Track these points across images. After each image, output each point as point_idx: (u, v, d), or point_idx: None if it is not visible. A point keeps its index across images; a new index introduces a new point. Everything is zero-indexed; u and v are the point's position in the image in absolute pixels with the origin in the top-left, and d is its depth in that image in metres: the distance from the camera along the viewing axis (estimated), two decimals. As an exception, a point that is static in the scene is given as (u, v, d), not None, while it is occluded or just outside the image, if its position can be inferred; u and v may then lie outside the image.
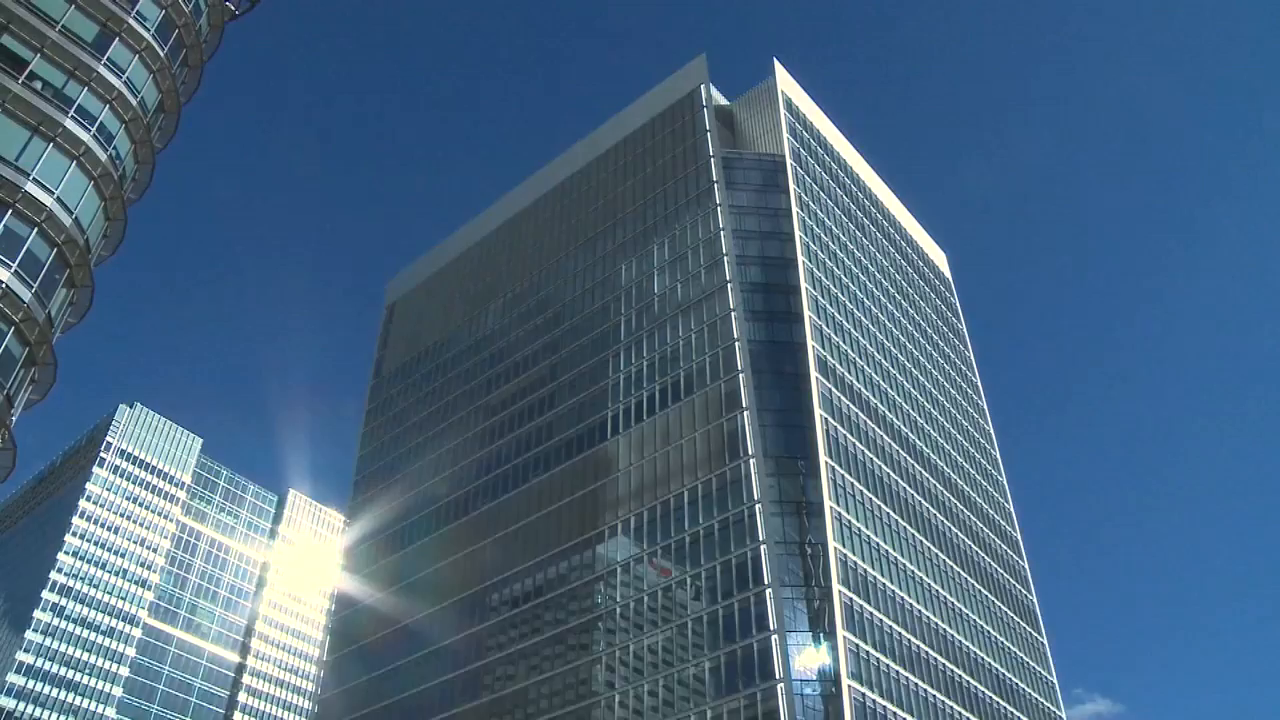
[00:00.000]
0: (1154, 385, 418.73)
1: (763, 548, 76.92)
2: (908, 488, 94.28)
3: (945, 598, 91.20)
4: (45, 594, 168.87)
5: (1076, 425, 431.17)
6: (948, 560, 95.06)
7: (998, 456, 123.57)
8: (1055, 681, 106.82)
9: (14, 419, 40.10)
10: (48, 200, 39.35)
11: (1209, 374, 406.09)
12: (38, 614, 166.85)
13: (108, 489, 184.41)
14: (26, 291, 38.33)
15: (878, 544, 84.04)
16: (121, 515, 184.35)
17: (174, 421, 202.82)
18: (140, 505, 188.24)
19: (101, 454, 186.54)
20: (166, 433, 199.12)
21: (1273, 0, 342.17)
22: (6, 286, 37.47)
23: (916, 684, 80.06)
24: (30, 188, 38.89)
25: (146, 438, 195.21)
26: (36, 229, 39.05)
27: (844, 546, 78.62)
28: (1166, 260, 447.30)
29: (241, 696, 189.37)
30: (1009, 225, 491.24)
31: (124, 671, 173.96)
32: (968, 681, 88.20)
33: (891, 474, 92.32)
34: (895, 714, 75.35)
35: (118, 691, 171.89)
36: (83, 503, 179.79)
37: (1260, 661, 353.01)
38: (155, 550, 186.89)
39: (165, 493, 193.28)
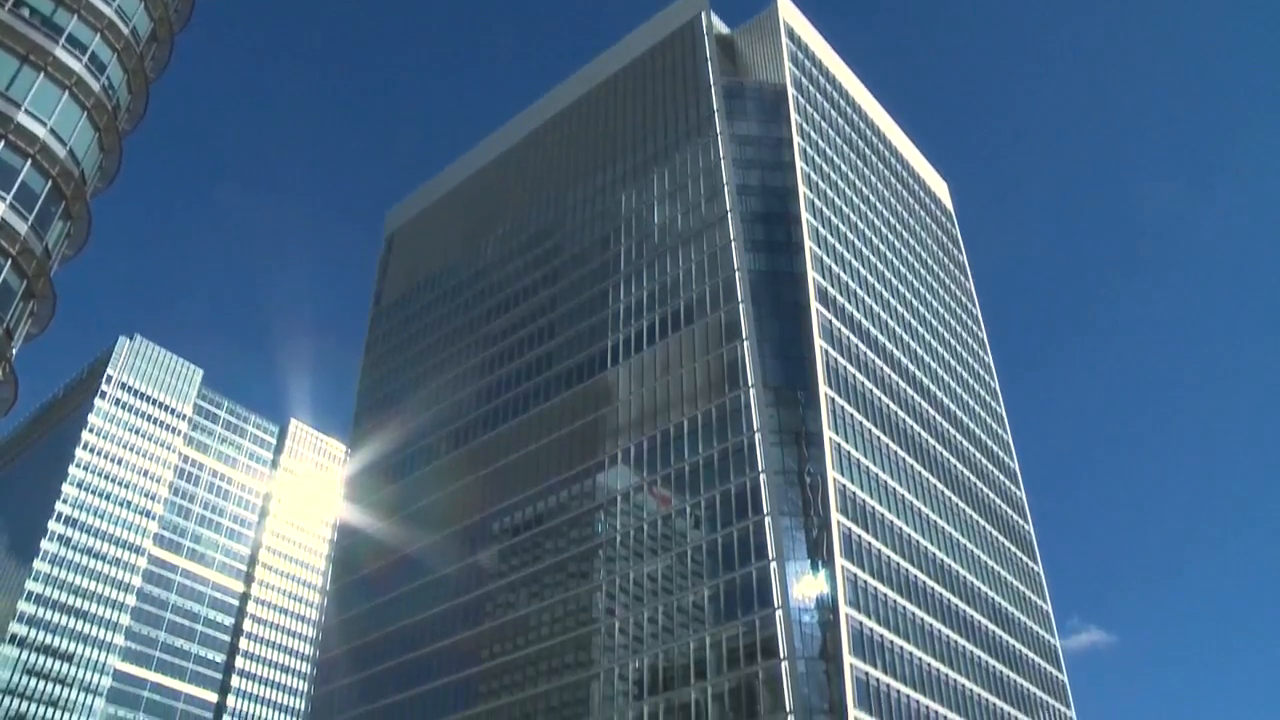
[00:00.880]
0: (1156, 317, 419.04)
1: (762, 477, 77.52)
2: (907, 418, 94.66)
3: (943, 527, 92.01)
4: (51, 524, 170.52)
5: (1076, 357, 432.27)
6: (945, 490, 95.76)
7: (997, 388, 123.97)
8: (1050, 610, 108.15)
9: (14, 352, 40.16)
10: (40, 131, 39.00)
11: (1211, 306, 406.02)
12: (44, 544, 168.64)
13: (109, 421, 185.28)
14: (22, 224, 38.14)
15: (876, 474, 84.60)
16: (124, 447, 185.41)
17: (174, 353, 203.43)
18: (142, 437, 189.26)
19: (102, 387, 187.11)
20: (167, 365, 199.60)
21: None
22: (2, 219, 37.29)
23: (914, 612, 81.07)
24: (22, 119, 38.51)
25: (147, 370, 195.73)
26: (30, 160, 38.73)
27: (842, 476, 79.16)
28: (1170, 192, 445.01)
29: (247, 624, 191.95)
30: (1012, 156, 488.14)
31: (131, 600, 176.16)
32: (964, 610, 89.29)
33: (891, 404, 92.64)
34: (892, 641, 76.39)
35: (126, 620, 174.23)
36: (85, 434, 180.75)
37: (1254, 594, 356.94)
38: (158, 481, 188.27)
39: (167, 424, 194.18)
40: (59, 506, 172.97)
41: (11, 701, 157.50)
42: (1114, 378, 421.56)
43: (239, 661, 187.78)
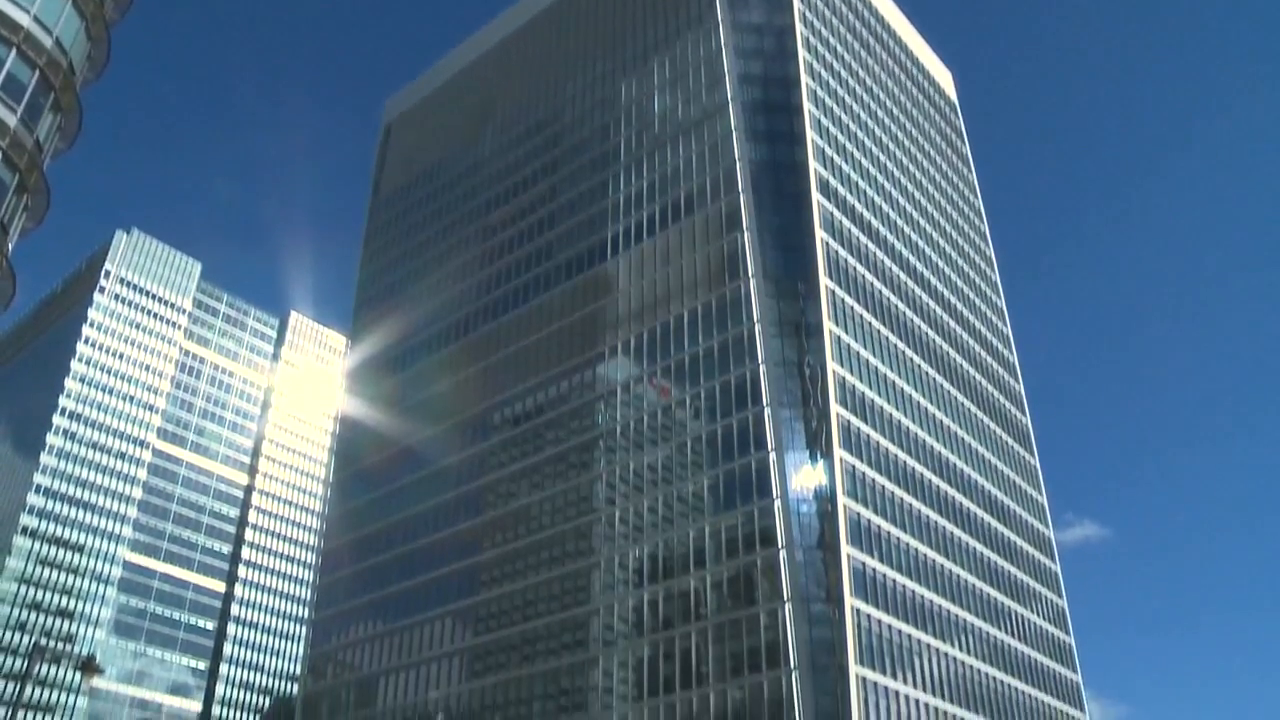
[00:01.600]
0: (1159, 214, 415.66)
1: (761, 368, 77.80)
2: (907, 310, 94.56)
3: (940, 419, 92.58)
4: (55, 419, 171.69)
5: (1078, 253, 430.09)
6: (944, 382, 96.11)
7: (997, 281, 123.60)
8: (1045, 503, 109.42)
9: (10, 247, 39.85)
10: (24, 19, 38.09)
11: (1216, 204, 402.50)
12: (50, 438, 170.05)
13: (109, 316, 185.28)
14: (11, 116, 37.50)
15: (875, 366, 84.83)
16: (125, 341, 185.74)
17: (172, 246, 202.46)
18: (142, 331, 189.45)
19: (101, 281, 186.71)
20: (165, 258, 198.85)
21: None
22: (-11, 110, 36.70)
23: (910, 503, 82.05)
24: (4, 6, 37.53)
25: (145, 264, 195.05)
26: (15, 50, 37.88)
27: (842, 368, 79.39)
28: (1178, 85, 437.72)
29: (251, 516, 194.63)
30: (1018, 48, 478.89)
31: (137, 493, 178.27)
32: (960, 501, 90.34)
33: (891, 296, 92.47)
34: (889, 532, 77.46)
35: (133, 512, 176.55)
36: (85, 329, 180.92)
37: (1249, 493, 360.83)
38: (160, 375, 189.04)
39: (166, 318, 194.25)
40: (62, 401, 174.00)
41: (28, 590, 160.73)
42: (1115, 274, 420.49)
43: (245, 552, 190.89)
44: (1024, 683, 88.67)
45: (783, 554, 71.17)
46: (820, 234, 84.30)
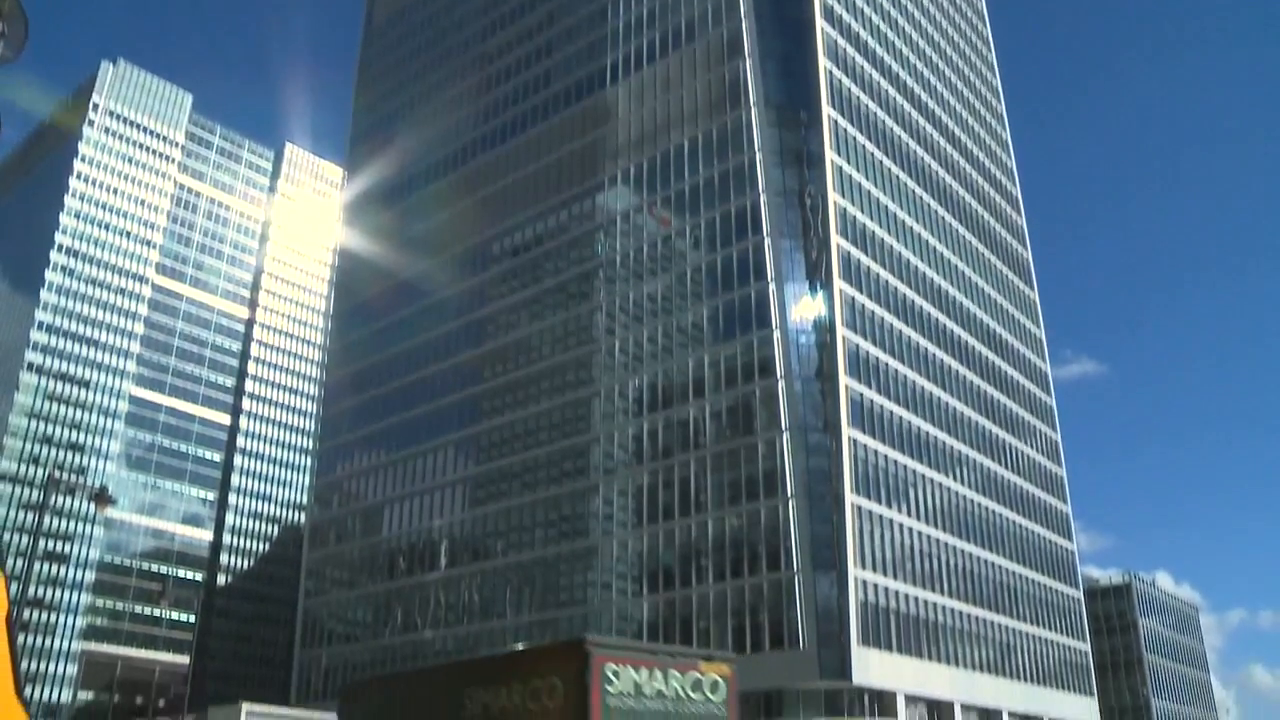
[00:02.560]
0: (1170, 52, 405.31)
1: (762, 197, 77.05)
2: (909, 141, 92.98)
3: (941, 251, 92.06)
4: (53, 255, 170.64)
5: (1086, 87, 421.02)
6: (945, 214, 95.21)
7: (1003, 112, 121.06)
8: (1043, 337, 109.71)
9: (-10, 67, 38.73)
10: None
11: (1226, 53, 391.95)
12: (49, 275, 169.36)
13: (100, 150, 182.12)
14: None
15: (877, 197, 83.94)
16: (118, 176, 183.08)
17: (160, 77, 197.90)
18: (135, 165, 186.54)
19: (89, 115, 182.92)
20: (154, 90, 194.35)
21: None
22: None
23: (909, 334, 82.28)
24: None
25: (134, 96, 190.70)
26: None
27: (843, 198, 78.55)
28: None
29: (253, 349, 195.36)
30: None
31: (139, 329, 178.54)
32: (958, 334, 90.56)
33: (894, 126, 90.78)
34: (887, 363, 77.88)
35: (136, 347, 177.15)
36: (77, 164, 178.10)
37: (1248, 335, 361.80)
38: (156, 210, 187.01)
39: (159, 152, 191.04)
40: (59, 238, 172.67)
41: (38, 425, 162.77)
42: (1123, 110, 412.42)
43: (248, 385, 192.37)
44: (1016, 513, 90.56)
45: (781, 384, 71.78)
46: (824, 62, 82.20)
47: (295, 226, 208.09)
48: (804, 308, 74.73)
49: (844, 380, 71.28)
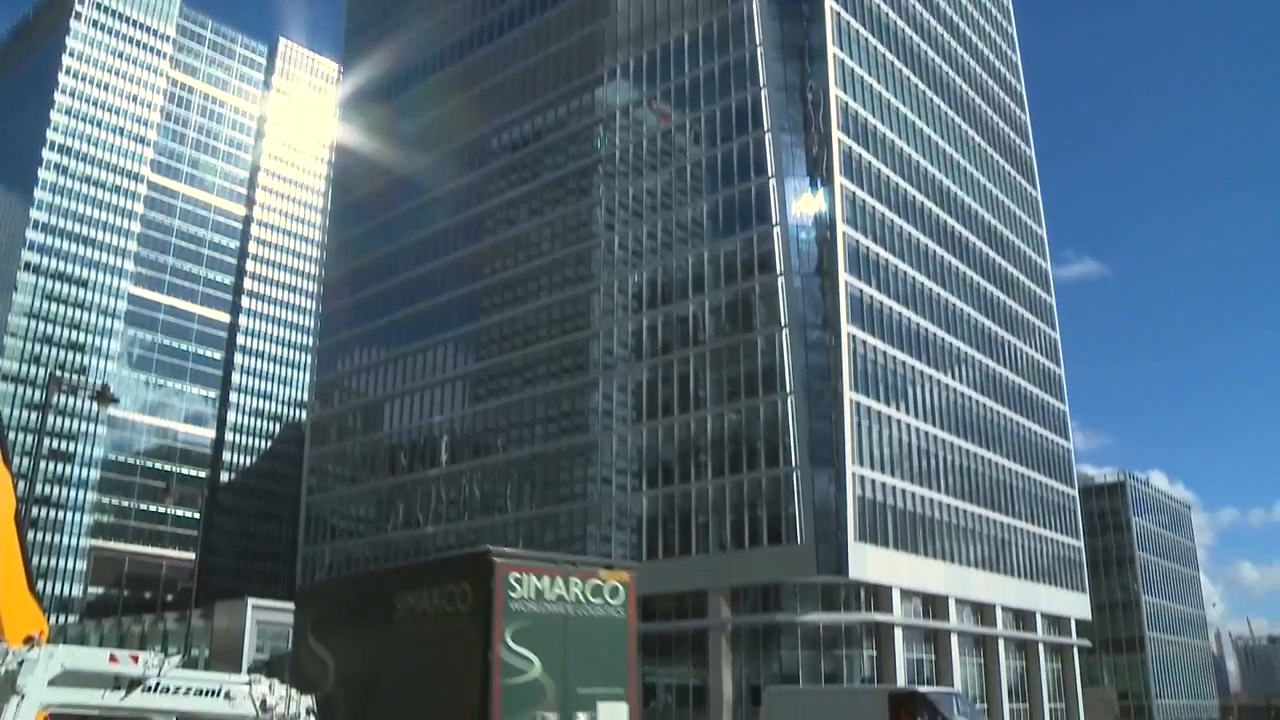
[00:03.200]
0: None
1: (763, 92, 75.95)
2: (913, 35, 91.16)
3: (943, 148, 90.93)
4: (45, 154, 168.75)
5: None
6: (948, 110, 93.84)
7: (1009, 6, 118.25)
8: (1044, 235, 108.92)
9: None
10: None
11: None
12: (42, 174, 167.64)
13: (89, 45, 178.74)
14: None
15: (879, 92, 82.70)
16: (109, 71, 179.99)
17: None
18: (126, 60, 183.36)
19: (76, 7, 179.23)
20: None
21: None
22: None
23: (910, 231, 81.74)
24: None
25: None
26: None
27: (845, 93, 77.38)
28: None
29: (251, 247, 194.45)
30: None
31: (136, 227, 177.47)
32: (959, 231, 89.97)
33: (897, 20, 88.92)
34: (888, 260, 77.52)
35: (133, 246, 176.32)
36: (66, 60, 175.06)
37: (1250, 242, 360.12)
38: (149, 107, 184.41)
39: (150, 46, 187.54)
40: (50, 135, 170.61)
41: (38, 325, 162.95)
42: (1133, 10, 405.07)
43: (247, 283, 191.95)
44: (1013, 411, 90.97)
45: (781, 280, 71.52)
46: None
47: (291, 123, 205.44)
48: (804, 204, 74.13)
49: (844, 277, 70.97)
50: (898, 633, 68.54)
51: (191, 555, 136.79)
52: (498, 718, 17.83)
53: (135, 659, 12.30)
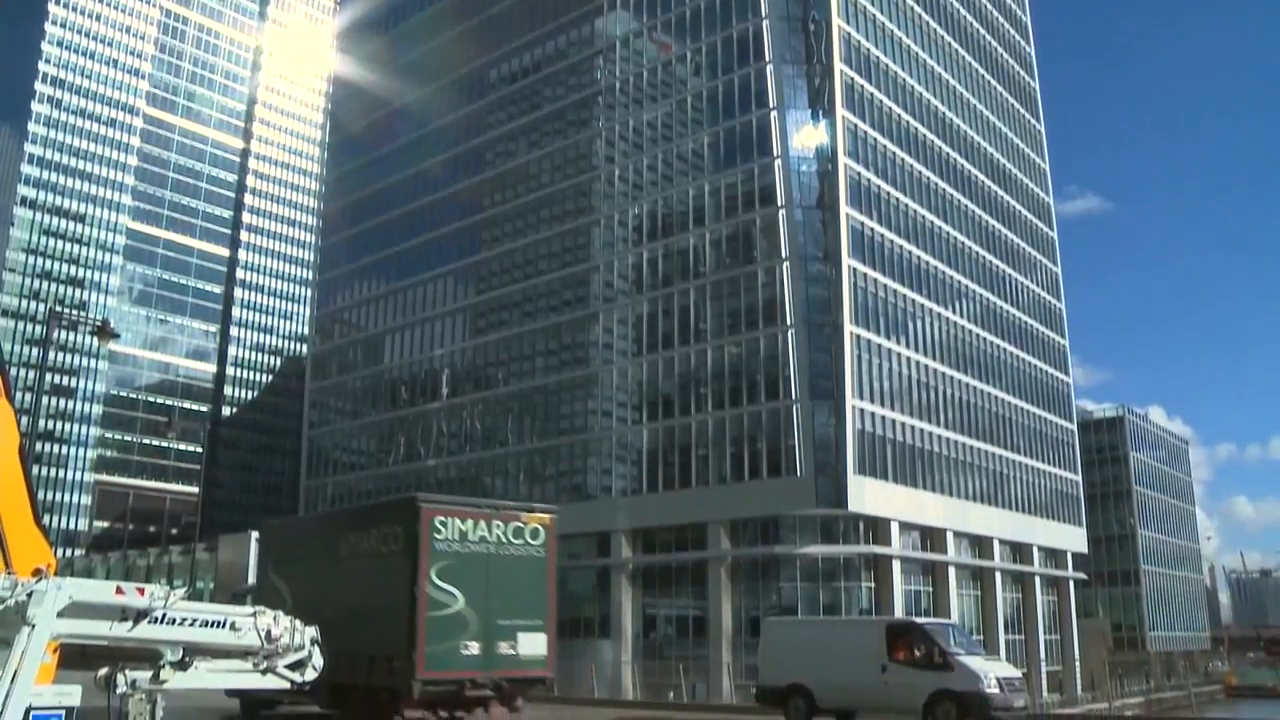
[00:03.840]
0: None
1: (764, 22, 74.95)
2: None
3: (946, 80, 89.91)
4: (38, 86, 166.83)
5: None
6: (952, 41, 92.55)
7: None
8: (1047, 169, 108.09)
9: None
10: None
11: None
12: (35, 106, 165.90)
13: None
14: None
15: (883, 22, 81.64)
16: (101, 2, 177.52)
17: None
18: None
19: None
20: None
21: None
22: None
23: (912, 164, 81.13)
24: None
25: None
26: None
27: (848, 24, 76.39)
28: None
29: (249, 181, 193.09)
30: None
31: (133, 161, 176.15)
32: (962, 165, 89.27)
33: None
34: (889, 193, 77.04)
35: (130, 180, 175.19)
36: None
37: (1253, 183, 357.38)
38: (143, 38, 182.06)
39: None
40: (43, 68, 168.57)
41: (36, 260, 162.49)
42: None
43: (245, 217, 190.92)
44: (1014, 346, 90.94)
45: (782, 213, 71.18)
46: (830, -121, 78.70)
47: (288, 55, 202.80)
48: (806, 136, 73.54)
49: (845, 210, 70.58)
50: (896, 565, 69.20)
51: (195, 489, 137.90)
52: (423, 647, 19.85)
53: (141, 591, 12.45)
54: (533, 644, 21.83)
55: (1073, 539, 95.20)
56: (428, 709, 20.69)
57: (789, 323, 68.67)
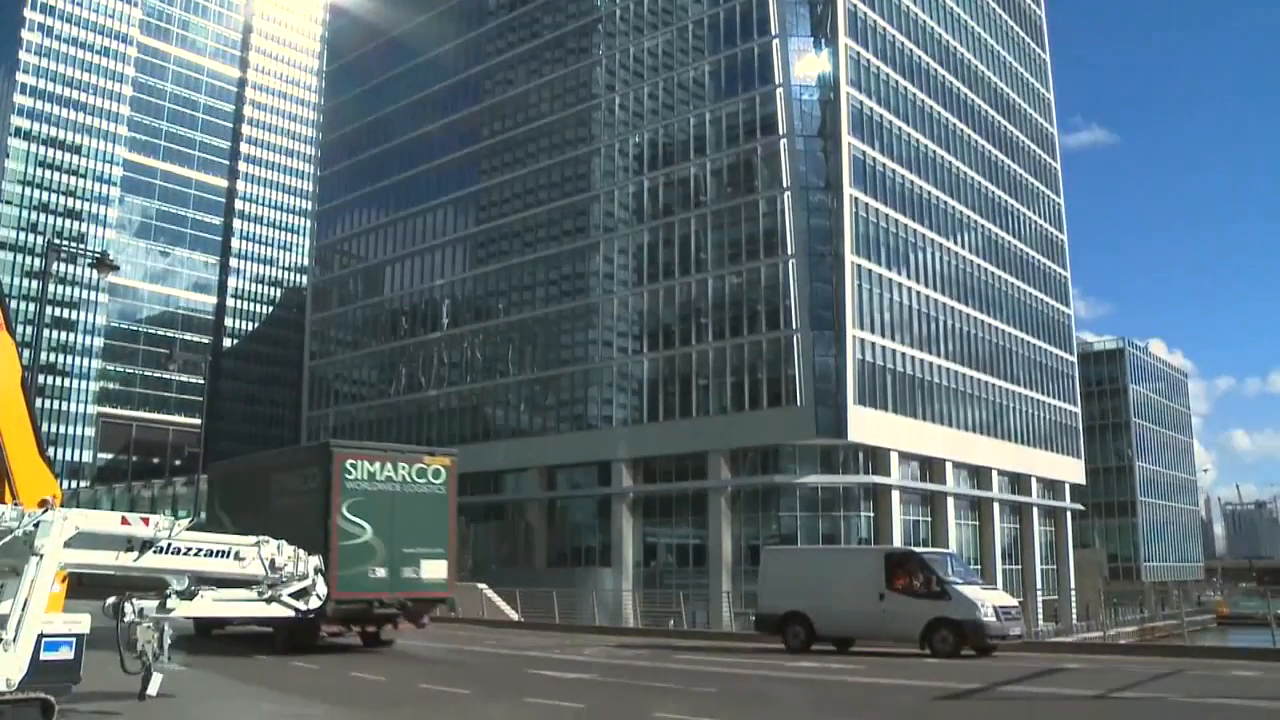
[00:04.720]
0: None
1: (767, -52, 73.83)
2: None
3: (950, 7, 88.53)
4: (28, 14, 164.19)
5: None
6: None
7: None
8: (1052, 100, 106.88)
9: None
10: None
11: None
12: (25, 35, 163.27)
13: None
14: None
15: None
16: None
17: None
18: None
19: None
20: None
21: None
22: None
23: (915, 94, 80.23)
24: None
25: None
26: None
27: (851, -51, 75.15)
28: None
29: (246, 111, 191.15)
30: None
31: (128, 91, 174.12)
32: (966, 94, 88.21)
33: None
34: (891, 122, 76.29)
35: (126, 110, 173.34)
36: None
37: (1261, 117, 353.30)
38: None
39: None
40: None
41: (33, 193, 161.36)
42: None
43: (243, 148, 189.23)
44: (1015, 277, 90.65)
45: (783, 142, 70.61)
46: None
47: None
48: (808, 65, 72.72)
49: (847, 139, 69.99)
50: (895, 495, 69.72)
51: (197, 420, 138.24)
52: (336, 571, 21.80)
53: (146, 521, 12.53)
54: (434, 569, 25.41)
55: (1071, 470, 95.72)
56: (343, 624, 24.58)
57: (790, 252, 68.44)
